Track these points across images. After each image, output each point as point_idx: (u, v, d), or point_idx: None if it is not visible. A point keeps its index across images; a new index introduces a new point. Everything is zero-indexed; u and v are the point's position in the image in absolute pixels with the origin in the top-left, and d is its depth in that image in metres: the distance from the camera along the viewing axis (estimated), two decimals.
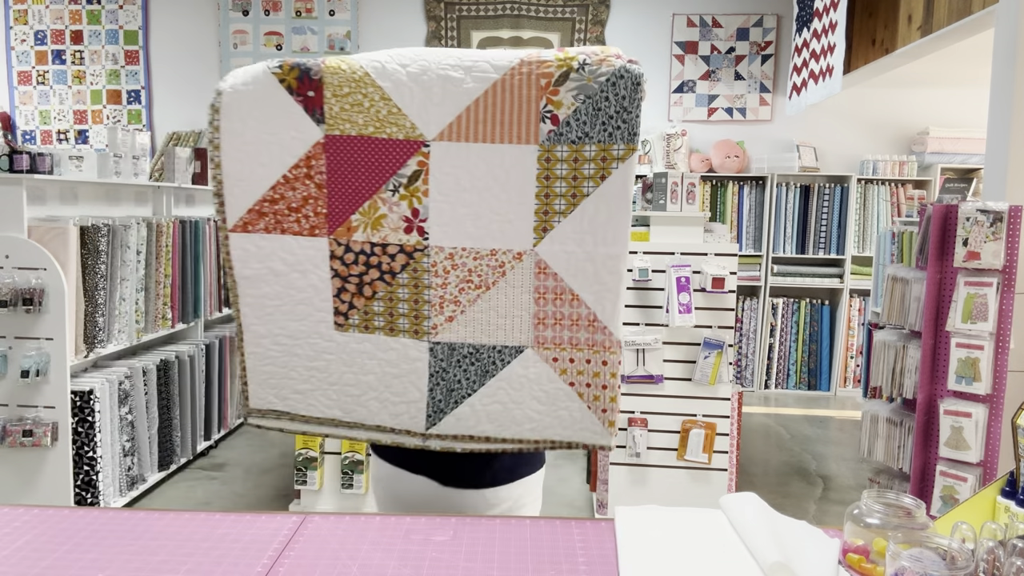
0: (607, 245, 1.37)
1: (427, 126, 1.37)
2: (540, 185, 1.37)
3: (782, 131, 6.18)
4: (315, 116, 1.38)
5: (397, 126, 1.37)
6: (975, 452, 2.44)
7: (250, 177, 1.41)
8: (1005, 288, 2.41)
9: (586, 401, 1.43)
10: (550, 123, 1.34)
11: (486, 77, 1.35)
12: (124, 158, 3.69)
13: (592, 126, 1.33)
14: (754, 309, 6.01)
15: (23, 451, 3.01)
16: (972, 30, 3.75)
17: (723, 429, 3.01)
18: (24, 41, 6.39)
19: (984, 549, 0.98)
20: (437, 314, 1.42)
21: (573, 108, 1.33)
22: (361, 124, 1.38)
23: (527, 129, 1.35)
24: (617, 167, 1.34)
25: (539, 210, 1.38)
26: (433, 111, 1.36)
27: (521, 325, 1.42)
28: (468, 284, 1.41)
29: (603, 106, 1.33)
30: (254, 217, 1.42)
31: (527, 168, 1.36)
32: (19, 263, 2.97)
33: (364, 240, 1.41)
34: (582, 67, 1.33)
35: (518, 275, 1.40)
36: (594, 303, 1.39)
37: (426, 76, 1.36)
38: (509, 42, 6.19)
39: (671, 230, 3.10)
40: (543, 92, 1.34)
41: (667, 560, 1.17)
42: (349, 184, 1.40)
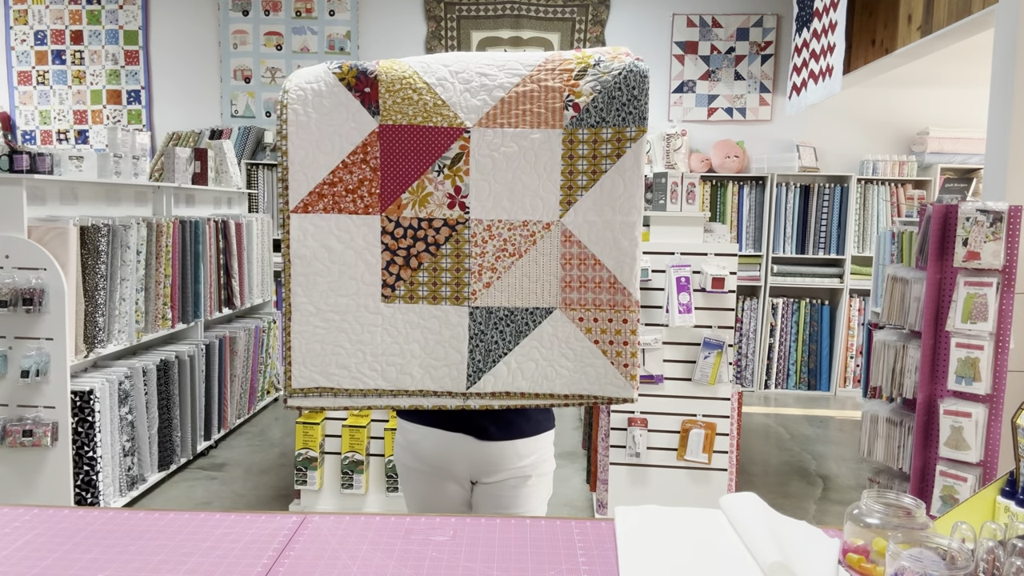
0: (624, 214, 1.56)
1: (468, 114, 1.56)
2: (565, 163, 1.56)
3: (782, 131, 6.18)
4: (371, 109, 1.56)
5: (442, 115, 1.56)
6: (975, 452, 2.44)
7: (313, 163, 1.57)
8: (1005, 288, 2.41)
9: (609, 357, 1.59)
10: (572, 110, 1.54)
11: (516, 72, 1.56)
12: (124, 158, 3.69)
13: (608, 112, 1.54)
14: (754, 309, 6.01)
15: (23, 451, 3.01)
16: (972, 30, 3.75)
17: (723, 429, 3.01)
18: (24, 41, 6.39)
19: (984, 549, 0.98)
20: (476, 281, 1.59)
21: (592, 97, 1.54)
22: (411, 115, 1.56)
23: (553, 116, 1.55)
24: (630, 146, 1.54)
25: (564, 185, 1.57)
26: (472, 102, 1.56)
27: (550, 288, 1.59)
28: (504, 252, 1.58)
29: (616, 95, 1.54)
30: (314, 199, 1.57)
31: (553, 149, 1.56)
32: (19, 263, 2.97)
33: (412, 216, 1.58)
34: (598, 63, 1.55)
35: (547, 243, 1.58)
36: (614, 266, 1.57)
37: (465, 73, 1.57)
38: (509, 42, 6.19)
39: (671, 230, 3.10)
40: (566, 84, 1.55)
41: (667, 560, 1.17)
42: (400, 167, 1.57)
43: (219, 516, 1.34)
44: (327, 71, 1.58)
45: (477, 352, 1.60)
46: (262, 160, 6.16)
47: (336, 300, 1.59)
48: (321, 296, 1.59)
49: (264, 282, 5.21)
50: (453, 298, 1.59)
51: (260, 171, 6.12)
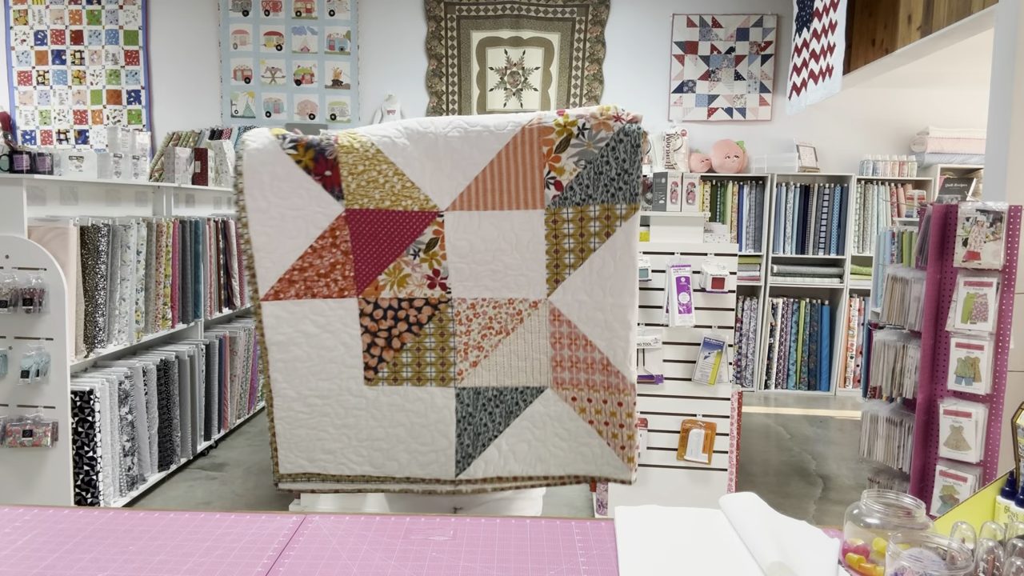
0: (615, 295, 1.46)
1: (440, 197, 1.48)
2: (549, 243, 1.47)
3: (782, 131, 6.18)
4: (334, 193, 1.48)
5: (412, 199, 1.48)
6: (975, 452, 2.44)
7: (279, 248, 1.49)
8: (1005, 288, 2.41)
9: (605, 438, 1.51)
10: (554, 188, 1.45)
11: (490, 148, 1.46)
12: (124, 158, 3.69)
13: (595, 188, 1.44)
14: (754, 309, 6.01)
15: (23, 451, 3.01)
16: (972, 30, 3.75)
17: (723, 429, 3.01)
18: (24, 41, 6.39)
19: (984, 549, 0.98)
20: (462, 360, 1.52)
21: (575, 174, 1.44)
22: (378, 199, 1.48)
23: (532, 195, 1.46)
24: (620, 225, 1.44)
25: (550, 264, 1.48)
26: (444, 183, 1.48)
27: (540, 367, 1.52)
28: (489, 330, 1.51)
29: (604, 170, 1.43)
30: (285, 285, 1.50)
31: (536, 229, 1.47)
32: (19, 263, 2.97)
33: (392, 296, 1.51)
34: (582, 132, 1.43)
35: (535, 321, 1.51)
36: (606, 348, 1.47)
37: (435, 150, 1.47)
38: (509, 42, 6.19)
39: (671, 230, 3.10)
40: (545, 160, 1.45)
41: (667, 560, 1.17)
42: (373, 250, 1.50)
43: (219, 516, 1.34)
44: (280, 151, 1.47)
45: (466, 436, 1.52)
46: None
47: (317, 384, 1.53)
48: (302, 381, 1.52)
49: None
50: (439, 379, 1.52)
51: None
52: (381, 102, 6.25)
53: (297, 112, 6.35)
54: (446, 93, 6.28)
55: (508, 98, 6.24)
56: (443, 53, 6.24)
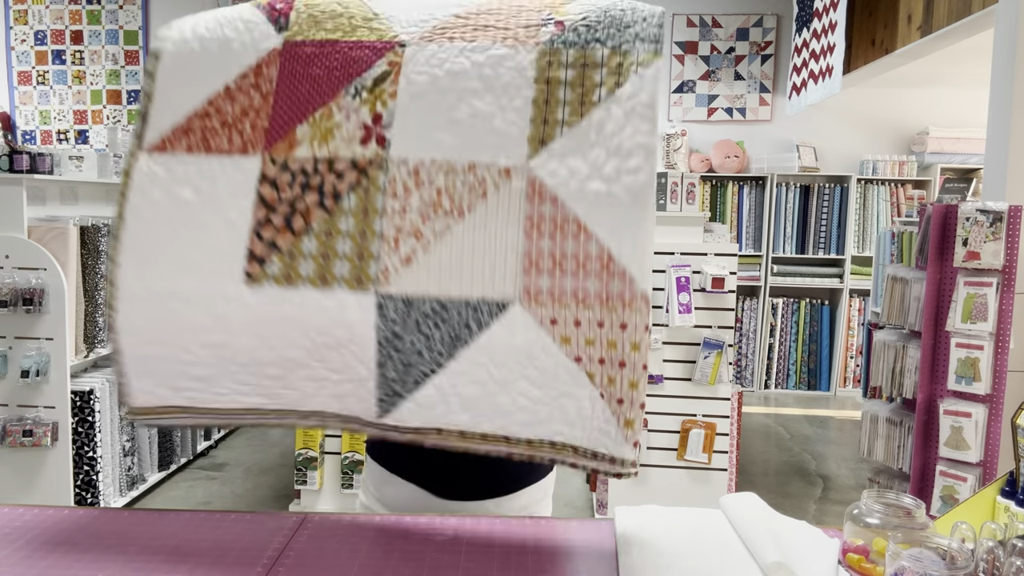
0: (622, 158, 1.03)
1: (407, 27, 1.14)
2: (538, 89, 1.07)
3: (782, 131, 6.18)
4: (279, 24, 1.17)
5: (371, 28, 1.14)
6: (975, 452, 2.44)
7: (184, 88, 1.16)
8: (1005, 288, 2.41)
9: (599, 386, 1.04)
10: (554, 27, 1.09)
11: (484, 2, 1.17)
12: (124, 158, 3.70)
13: (605, 31, 1.07)
14: (754, 309, 6.01)
15: (23, 451, 3.01)
16: (972, 30, 3.75)
17: (723, 429, 3.01)
18: (24, 41, 6.39)
19: (984, 549, 0.98)
20: (390, 252, 1.06)
21: (582, 16, 1.09)
22: (329, 29, 1.15)
23: (525, 31, 1.10)
24: (637, 72, 1.05)
25: (536, 117, 1.06)
26: (416, 16, 1.15)
27: (505, 270, 1.04)
28: (435, 209, 1.06)
29: (617, 15, 1.08)
30: (178, 135, 1.15)
31: (522, 68, 1.07)
32: (19, 263, 2.97)
33: (307, 156, 1.11)
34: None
35: (504, 198, 1.05)
36: (608, 236, 1.01)
37: (422, 4, 1.19)
38: None
39: (671, 230, 3.10)
40: (546, 4, 1.14)
41: (667, 560, 1.17)
42: (301, 91, 1.13)
43: (219, 516, 1.34)
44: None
45: (390, 366, 1.07)
46: None
47: (178, 282, 1.11)
48: (158, 275, 1.12)
49: None
50: (353, 279, 1.07)
51: None
52: None
53: None
54: None
55: None
56: None
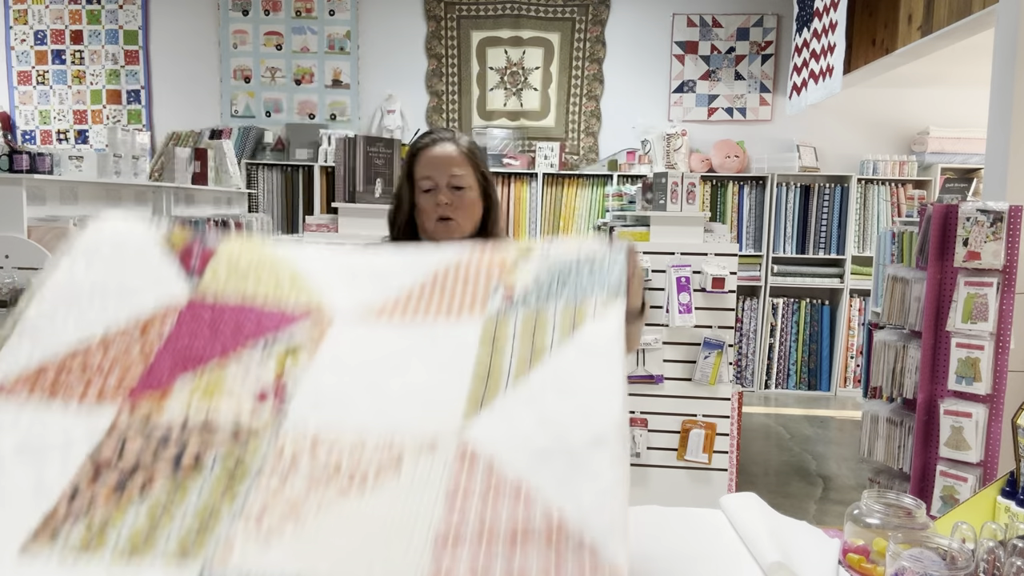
0: (582, 396, 0.88)
1: (339, 297, 1.07)
2: (483, 351, 0.98)
3: (782, 131, 6.18)
4: (191, 275, 1.06)
5: (298, 291, 1.06)
6: (975, 452, 2.44)
7: (55, 329, 0.99)
8: (1005, 288, 2.41)
9: None
10: (502, 297, 1.05)
11: (428, 271, 1.11)
12: (124, 158, 3.69)
13: (558, 292, 1.02)
14: (754, 309, 6.01)
15: None
16: (972, 30, 3.75)
17: (723, 429, 3.01)
18: (24, 41, 6.39)
19: (984, 549, 0.98)
20: (246, 525, 0.82)
21: (533, 280, 1.05)
22: (248, 292, 1.05)
23: (472, 303, 1.05)
24: (594, 313, 0.97)
25: (477, 375, 0.95)
26: (348, 288, 1.08)
27: (408, 549, 0.77)
28: (327, 482, 0.85)
29: (573, 278, 1.04)
30: (25, 378, 0.95)
31: (466, 338, 1.00)
32: (19, 263, 2.97)
33: (179, 415, 0.92)
34: (547, 254, 1.10)
35: (424, 470, 0.86)
36: (560, 497, 0.79)
37: (354, 267, 1.13)
38: (509, 42, 6.19)
39: (671, 230, 3.10)
40: (498, 274, 1.08)
41: (667, 560, 1.16)
42: (197, 343, 1.00)
43: None
44: (147, 231, 1.10)
45: None
46: (262, 160, 6.16)
47: None
48: None
49: None
50: (177, 550, 0.80)
51: (260, 171, 6.13)
52: (381, 102, 6.24)
53: (297, 112, 6.35)
54: (446, 93, 6.28)
55: (508, 98, 6.24)
56: (443, 53, 6.24)
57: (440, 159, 1.64)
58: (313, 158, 6.07)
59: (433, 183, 1.63)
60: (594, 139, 6.28)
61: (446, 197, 1.62)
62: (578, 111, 6.26)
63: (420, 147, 1.67)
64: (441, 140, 1.67)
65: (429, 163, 1.65)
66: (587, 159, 6.26)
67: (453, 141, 1.67)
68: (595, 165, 6.20)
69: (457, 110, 6.28)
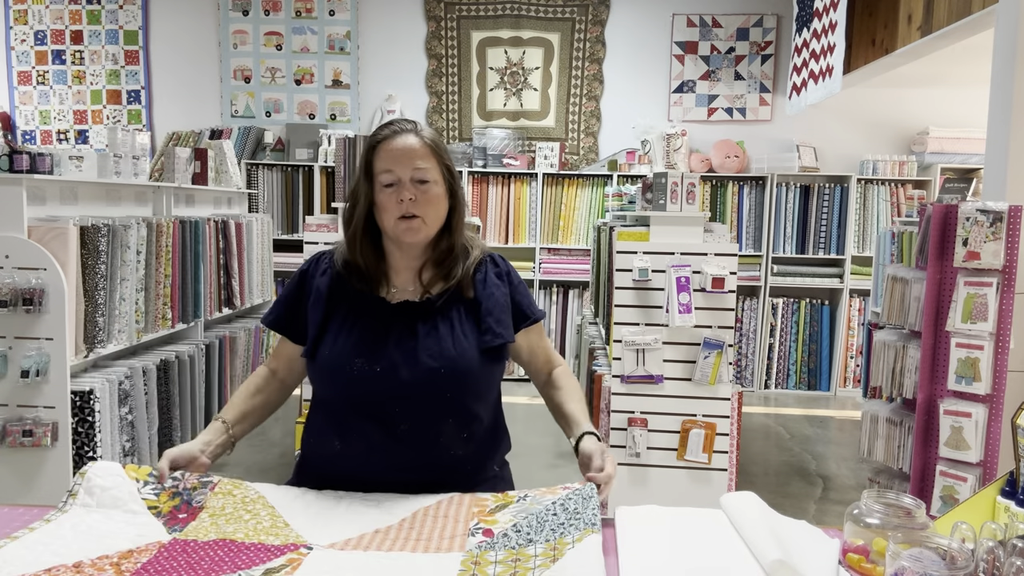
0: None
1: (316, 535, 1.17)
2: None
3: (782, 131, 6.18)
4: (174, 529, 1.19)
5: (276, 535, 1.17)
6: (975, 452, 2.44)
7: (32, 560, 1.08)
8: (1005, 288, 2.41)
9: None
10: (482, 535, 1.17)
11: (406, 511, 1.25)
12: (124, 158, 3.69)
13: (538, 532, 1.16)
14: (754, 309, 6.01)
15: (23, 451, 3.01)
16: (972, 30, 3.75)
17: (723, 429, 3.01)
18: (24, 41, 6.39)
19: (984, 549, 0.98)
20: None
21: (512, 523, 1.19)
22: (229, 532, 1.17)
23: (450, 542, 1.16)
24: (573, 547, 1.11)
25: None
26: (328, 528, 1.19)
27: None
28: None
29: (550, 519, 1.19)
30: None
31: (446, 564, 1.10)
32: (19, 263, 2.97)
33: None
34: (524, 499, 1.26)
35: None
36: None
37: (333, 511, 1.25)
38: (509, 42, 6.19)
39: (671, 230, 3.10)
40: (476, 515, 1.22)
41: (667, 560, 1.16)
42: (171, 567, 1.09)
43: None
44: (134, 494, 1.24)
45: None
46: (262, 160, 6.16)
47: None
48: None
49: (264, 282, 5.21)
50: None
51: (260, 171, 6.13)
52: (381, 102, 6.25)
53: (297, 112, 6.35)
54: (446, 93, 6.28)
55: (508, 98, 6.24)
56: (443, 53, 6.24)
57: (402, 151, 1.49)
58: (313, 158, 6.07)
59: (395, 177, 1.48)
60: (594, 139, 6.28)
61: (410, 192, 1.47)
62: (578, 111, 6.26)
63: (380, 139, 1.52)
64: (403, 131, 1.51)
65: (390, 156, 1.49)
66: (587, 159, 6.26)
67: (415, 132, 1.52)
68: (595, 165, 6.20)
69: (457, 110, 6.28)
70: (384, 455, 1.44)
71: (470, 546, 1.13)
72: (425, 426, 1.46)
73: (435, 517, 1.22)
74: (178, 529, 1.18)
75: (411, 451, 1.45)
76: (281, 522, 1.19)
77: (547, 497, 1.25)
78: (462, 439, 1.49)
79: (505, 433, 1.65)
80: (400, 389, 1.45)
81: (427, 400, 1.46)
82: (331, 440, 1.50)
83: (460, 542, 1.14)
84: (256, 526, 1.18)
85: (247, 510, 1.22)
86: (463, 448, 1.49)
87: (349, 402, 1.49)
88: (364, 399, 1.47)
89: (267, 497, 1.26)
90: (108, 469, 1.28)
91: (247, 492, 1.27)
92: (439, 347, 1.46)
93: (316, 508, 1.26)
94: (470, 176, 6.07)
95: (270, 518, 1.20)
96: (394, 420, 1.45)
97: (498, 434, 1.62)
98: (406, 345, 1.47)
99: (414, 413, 1.46)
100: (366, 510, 1.27)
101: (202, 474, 1.33)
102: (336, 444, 1.49)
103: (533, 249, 6.08)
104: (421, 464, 1.45)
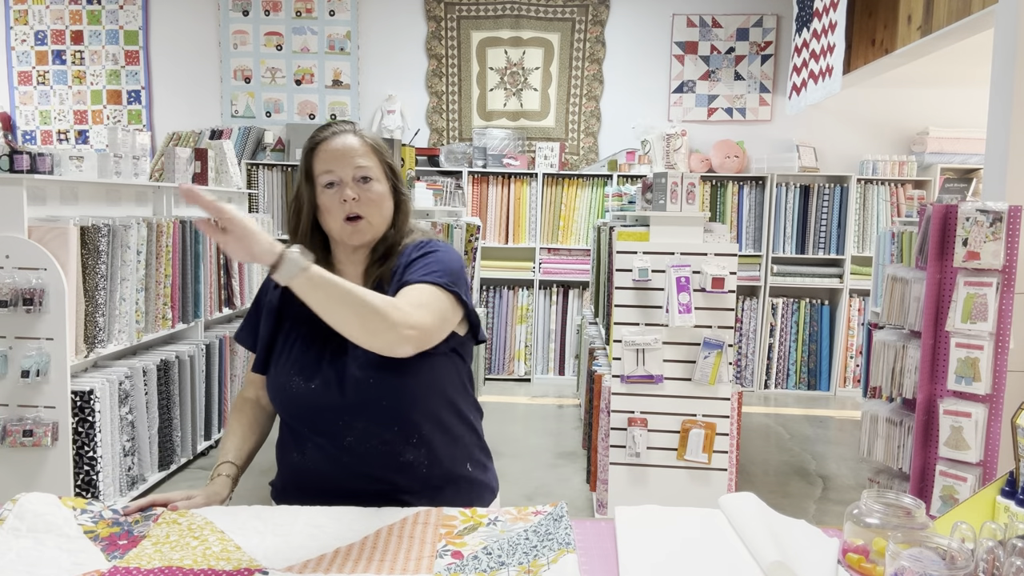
0: None
1: (271, 559, 1.15)
2: None
3: (782, 131, 6.18)
4: (113, 556, 1.16)
5: (228, 559, 1.14)
6: (975, 452, 2.44)
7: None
8: (1005, 288, 2.41)
9: None
10: (451, 557, 1.16)
11: (369, 530, 1.22)
12: (124, 158, 3.69)
13: (510, 556, 1.15)
14: (754, 309, 6.01)
15: (23, 451, 3.01)
16: (972, 30, 3.75)
17: (723, 429, 3.01)
18: (24, 41, 6.39)
19: (984, 549, 0.98)
20: None
21: (483, 546, 1.18)
22: (176, 559, 1.14)
23: (417, 563, 1.14)
24: (548, 569, 1.10)
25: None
26: (284, 549, 1.17)
27: None
28: None
29: (522, 543, 1.19)
30: None
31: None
32: (19, 263, 2.97)
33: None
34: (494, 523, 1.25)
35: None
36: None
37: (286, 526, 1.24)
38: (509, 42, 6.19)
39: (671, 230, 3.10)
40: (443, 537, 1.21)
41: (667, 560, 1.17)
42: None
43: None
44: (70, 519, 1.22)
45: None
46: (262, 160, 6.16)
47: None
48: None
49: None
50: None
51: (260, 171, 6.13)
52: (381, 102, 6.25)
53: (297, 112, 6.35)
54: (446, 93, 6.28)
55: (508, 98, 6.24)
56: (443, 53, 6.24)
57: (342, 151, 1.46)
58: None
59: (336, 177, 1.45)
60: (594, 139, 6.28)
61: (352, 191, 1.44)
62: (578, 111, 6.26)
63: (318, 140, 1.49)
64: (341, 132, 1.49)
65: (329, 156, 1.46)
66: (587, 159, 6.26)
67: (354, 132, 1.50)
68: (595, 165, 6.20)
69: (457, 110, 6.28)
70: (338, 466, 1.44)
71: (439, 568, 1.12)
72: (368, 436, 1.44)
73: (399, 537, 1.20)
74: (118, 556, 1.14)
75: (361, 461, 1.44)
76: (232, 545, 1.17)
77: (518, 524, 1.25)
78: (411, 444, 1.45)
79: (471, 430, 1.57)
80: (336, 403, 1.43)
81: (365, 411, 1.43)
82: (292, 452, 1.52)
83: (428, 563, 1.13)
84: (205, 552, 1.15)
85: (194, 536, 1.20)
86: (414, 453, 1.45)
87: (297, 418, 1.50)
88: (307, 415, 1.47)
89: (215, 523, 1.24)
90: (42, 499, 1.26)
91: (193, 519, 1.26)
92: (366, 357, 1.39)
93: (271, 527, 1.25)
94: (470, 176, 6.07)
95: (219, 543, 1.18)
96: (340, 433, 1.44)
97: (459, 432, 1.54)
98: (339, 360, 1.44)
99: (355, 425, 1.44)
100: (327, 523, 1.25)
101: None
102: (295, 456, 1.51)
103: (533, 249, 6.08)
104: (375, 473, 1.44)
